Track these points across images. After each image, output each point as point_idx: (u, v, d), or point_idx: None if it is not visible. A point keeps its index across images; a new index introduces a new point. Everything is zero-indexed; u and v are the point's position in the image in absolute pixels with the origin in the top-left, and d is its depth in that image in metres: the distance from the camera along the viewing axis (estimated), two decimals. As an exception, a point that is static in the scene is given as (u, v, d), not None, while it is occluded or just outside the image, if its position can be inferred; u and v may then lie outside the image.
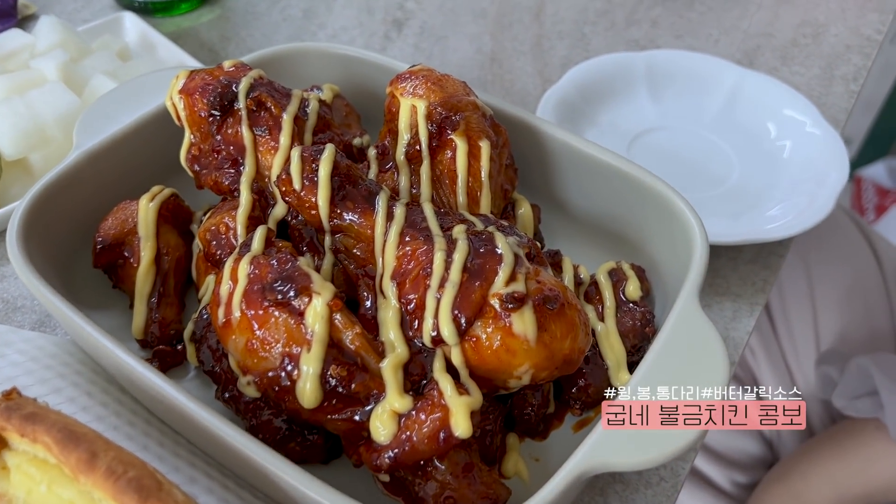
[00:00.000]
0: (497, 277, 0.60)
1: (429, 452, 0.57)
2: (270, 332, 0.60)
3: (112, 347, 0.61)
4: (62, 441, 0.51)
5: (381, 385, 0.60)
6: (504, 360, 0.59)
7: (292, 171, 0.66)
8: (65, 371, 0.68)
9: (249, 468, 0.56)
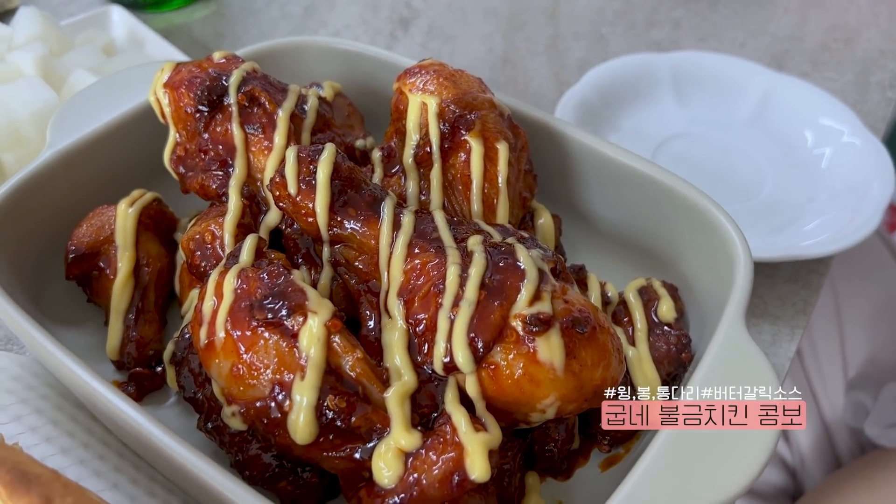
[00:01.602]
0: (519, 296, 0.52)
1: (440, 498, 0.50)
2: (259, 356, 0.52)
3: (80, 372, 0.53)
4: (11, 483, 0.43)
5: (386, 418, 0.52)
6: (527, 391, 0.52)
7: (287, 174, 0.59)
8: (28, 396, 0.61)
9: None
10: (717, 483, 0.47)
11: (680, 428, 0.50)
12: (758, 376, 0.53)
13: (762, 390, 0.52)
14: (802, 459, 1.30)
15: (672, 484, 0.48)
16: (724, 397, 0.52)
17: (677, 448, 0.49)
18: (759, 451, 0.48)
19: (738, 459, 0.48)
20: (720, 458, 0.48)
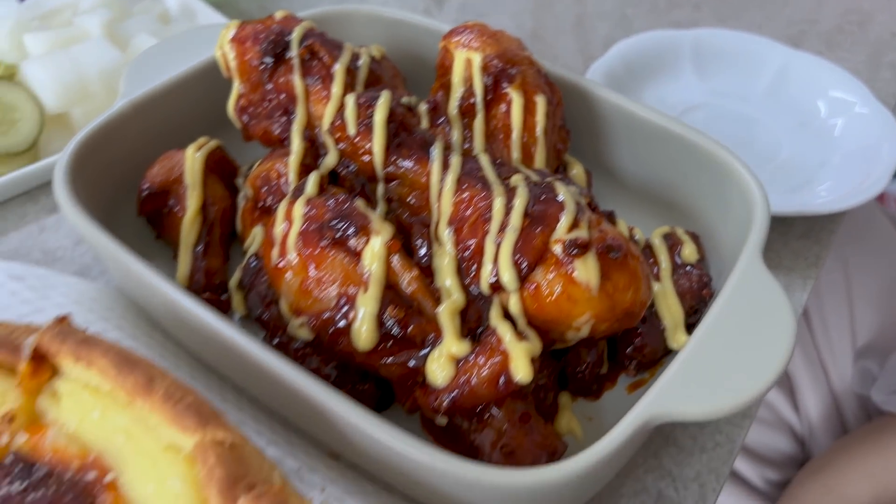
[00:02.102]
0: (559, 224, 0.58)
1: (488, 397, 0.56)
2: (326, 273, 0.58)
3: (163, 283, 0.59)
4: (119, 364, 0.50)
5: (438, 330, 0.58)
6: (564, 310, 0.58)
7: (347, 117, 0.65)
8: (109, 315, 0.67)
9: (304, 406, 0.54)
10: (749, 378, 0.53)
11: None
12: (773, 302, 0.59)
13: (777, 317, 0.58)
14: (811, 428, 1.35)
15: (693, 384, 0.53)
16: (741, 322, 0.58)
17: (705, 351, 0.55)
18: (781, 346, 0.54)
19: (764, 357, 0.54)
20: (747, 357, 0.54)
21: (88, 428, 0.50)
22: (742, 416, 0.70)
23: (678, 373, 0.54)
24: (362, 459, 0.57)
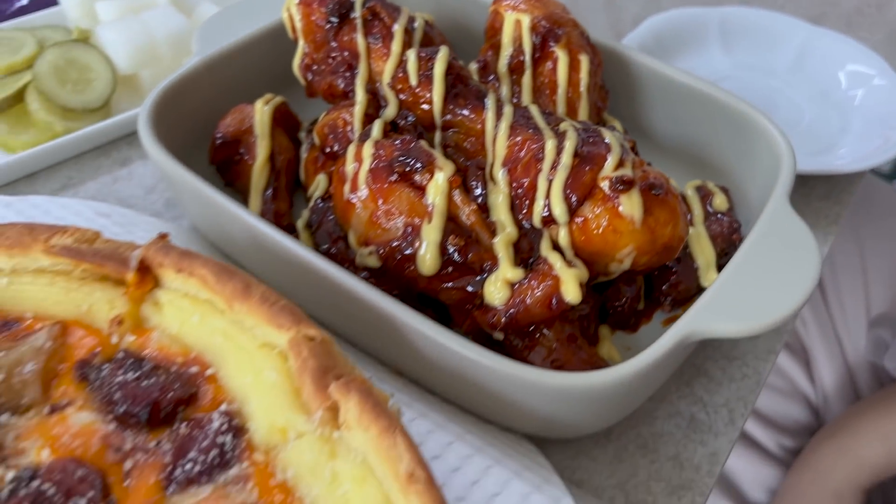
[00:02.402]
0: (606, 163, 0.64)
1: (540, 315, 0.61)
2: (394, 205, 0.64)
3: (244, 212, 0.65)
4: (217, 273, 0.56)
5: (494, 258, 0.64)
6: (609, 241, 0.63)
7: (409, 69, 0.71)
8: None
9: (377, 322, 0.60)
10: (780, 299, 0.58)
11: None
12: (801, 238, 0.65)
13: (803, 252, 0.64)
14: (826, 398, 1.40)
15: (729, 303, 0.59)
16: (772, 252, 0.64)
17: (740, 276, 0.61)
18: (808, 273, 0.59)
19: (793, 282, 0.59)
20: (778, 281, 0.60)
21: (189, 331, 0.57)
22: (767, 351, 0.75)
23: (715, 294, 0.60)
24: (426, 372, 0.63)
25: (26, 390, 0.53)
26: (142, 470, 0.49)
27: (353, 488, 0.48)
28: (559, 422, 0.60)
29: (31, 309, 0.57)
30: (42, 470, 0.48)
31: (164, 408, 0.51)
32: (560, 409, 0.58)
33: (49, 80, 0.89)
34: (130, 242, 0.60)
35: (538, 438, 0.65)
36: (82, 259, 0.57)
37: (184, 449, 0.50)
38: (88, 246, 0.58)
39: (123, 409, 0.51)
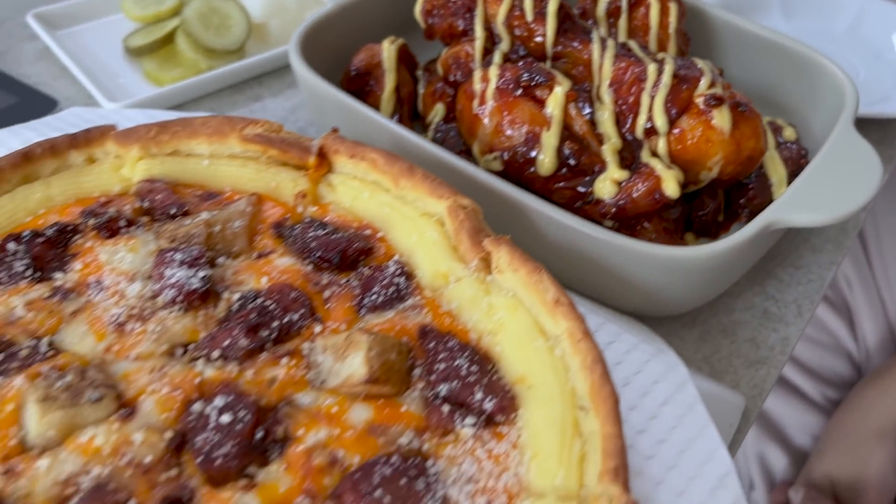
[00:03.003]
0: (700, 83, 0.75)
1: (645, 207, 0.73)
2: (518, 116, 0.76)
3: (387, 121, 0.78)
4: (386, 157, 0.68)
5: (602, 162, 0.76)
6: (702, 150, 0.75)
7: (526, 7, 0.83)
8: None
9: (509, 210, 0.72)
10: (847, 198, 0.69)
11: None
12: (864, 152, 0.75)
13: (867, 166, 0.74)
14: (868, 354, 1.50)
15: (805, 199, 0.70)
16: (840, 162, 0.75)
17: (813, 178, 0.72)
18: (872, 178, 0.70)
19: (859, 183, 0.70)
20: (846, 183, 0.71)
21: (359, 205, 0.69)
22: (829, 262, 0.86)
23: (793, 192, 0.71)
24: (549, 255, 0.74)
25: (236, 241, 0.65)
26: (338, 298, 0.62)
27: (507, 314, 0.59)
28: (661, 296, 0.72)
29: (228, 185, 0.70)
30: (262, 292, 0.60)
31: (350, 255, 0.64)
32: (664, 281, 0.70)
33: (195, 24, 1.02)
34: (307, 137, 0.72)
35: (639, 318, 0.76)
36: (271, 145, 0.70)
37: (368, 285, 0.62)
38: (276, 135, 0.71)
39: (318, 255, 0.63)
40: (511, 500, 0.50)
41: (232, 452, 0.50)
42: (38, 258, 0.62)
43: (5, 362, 0.55)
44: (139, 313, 0.59)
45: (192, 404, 0.53)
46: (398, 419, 0.54)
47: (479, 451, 0.52)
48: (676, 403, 0.62)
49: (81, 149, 0.70)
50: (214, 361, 0.56)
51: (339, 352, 0.56)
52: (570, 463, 0.51)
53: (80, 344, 0.57)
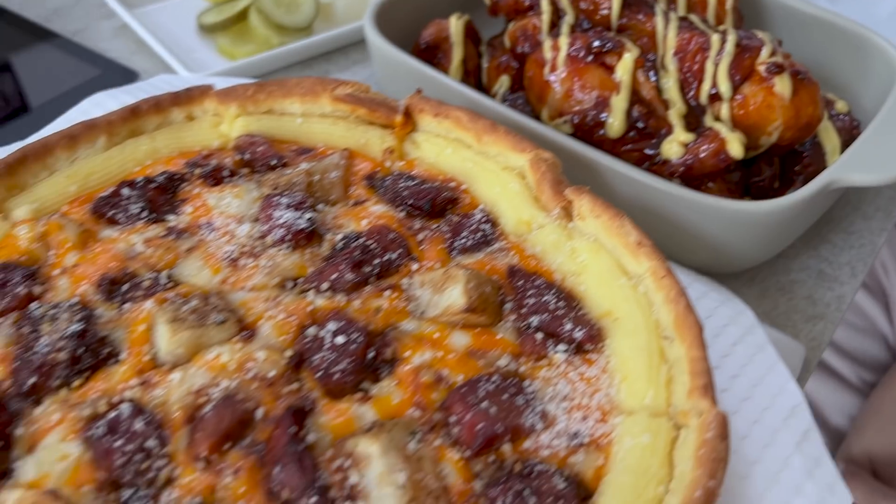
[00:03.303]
0: (762, 52, 0.79)
1: (711, 167, 0.77)
2: (588, 81, 0.81)
3: (462, 85, 0.82)
4: (469, 114, 0.73)
5: (669, 125, 0.80)
6: (763, 115, 0.79)
7: (593, -18, 0.87)
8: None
9: (584, 168, 0.76)
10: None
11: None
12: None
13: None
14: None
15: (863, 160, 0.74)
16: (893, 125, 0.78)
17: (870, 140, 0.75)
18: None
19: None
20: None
21: (443, 160, 0.73)
22: (880, 229, 0.90)
23: (850, 154, 0.75)
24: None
25: (333, 190, 0.70)
26: (430, 241, 0.66)
27: (590, 257, 0.64)
28: (726, 251, 0.76)
29: (321, 141, 0.75)
30: (363, 233, 0.65)
31: (439, 203, 0.68)
32: (730, 236, 0.74)
33: (268, 3, 1.07)
34: (392, 98, 0.77)
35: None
36: (360, 104, 0.75)
37: (457, 230, 0.67)
38: (365, 95, 0.75)
39: (410, 203, 0.68)
40: (605, 416, 0.54)
41: (348, 369, 0.55)
42: (152, 202, 0.67)
43: (130, 291, 0.60)
44: (250, 250, 0.64)
45: (307, 329, 0.58)
46: (495, 345, 0.58)
47: (571, 374, 0.57)
48: (746, 344, 0.66)
49: (183, 106, 0.75)
50: (324, 293, 0.61)
51: (437, 285, 0.60)
52: (658, 384, 0.55)
53: (197, 276, 0.62)
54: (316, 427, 0.52)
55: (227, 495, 0.49)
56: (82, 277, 0.61)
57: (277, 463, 0.49)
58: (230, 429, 0.51)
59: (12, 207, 0.66)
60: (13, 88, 1.07)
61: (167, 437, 0.51)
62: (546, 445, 0.52)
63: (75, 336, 0.55)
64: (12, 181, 0.68)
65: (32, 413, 0.53)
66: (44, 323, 0.57)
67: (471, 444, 0.51)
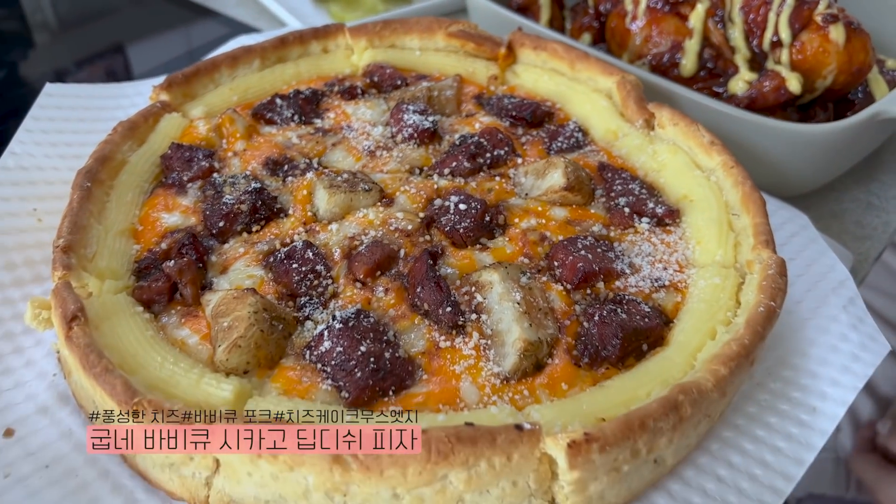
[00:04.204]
0: (819, 4, 0.91)
1: (772, 101, 0.88)
2: (664, 28, 0.93)
3: (553, 32, 0.95)
4: (564, 45, 0.86)
5: (735, 66, 0.91)
6: (819, 60, 0.90)
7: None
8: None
9: (659, 97, 0.88)
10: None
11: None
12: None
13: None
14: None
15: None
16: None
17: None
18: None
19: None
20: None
21: (540, 85, 0.86)
22: (926, 170, 1.00)
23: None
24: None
25: (447, 105, 0.83)
26: (531, 144, 0.79)
27: (668, 156, 0.76)
28: (785, 171, 0.87)
29: (436, 70, 0.89)
30: (476, 134, 0.78)
31: (539, 115, 0.81)
32: (789, 157, 0.85)
33: (377, -26, 1.22)
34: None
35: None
36: (470, 39, 0.88)
37: (554, 136, 0.79)
38: (474, 31, 0.89)
39: (514, 114, 0.81)
40: (682, 268, 0.66)
41: (470, 226, 0.67)
42: (301, 109, 0.82)
43: (290, 171, 0.74)
44: (384, 145, 0.77)
45: (434, 200, 0.71)
46: (589, 217, 0.70)
47: (654, 239, 0.68)
48: (801, 237, 0.77)
49: (320, 40, 0.90)
50: (445, 176, 0.74)
51: (539, 171, 0.73)
52: (727, 246, 0.66)
53: (343, 163, 0.76)
54: (446, 265, 0.65)
55: (380, 306, 0.61)
56: (251, 158, 0.75)
57: (418, 286, 0.62)
58: (380, 261, 0.64)
59: (188, 109, 0.81)
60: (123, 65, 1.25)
61: (331, 265, 0.64)
62: (633, 286, 0.64)
63: (254, 192, 0.69)
64: (187, 90, 0.83)
65: (222, 248, 0.67)
66: (225, 186, 0.71)
67: (571, 279, 0.63)
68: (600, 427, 0.50)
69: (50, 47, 1.32)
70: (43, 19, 1.38)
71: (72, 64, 1.23)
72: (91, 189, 0.67)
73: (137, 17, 1.30)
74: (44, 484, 0.55)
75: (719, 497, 0.56)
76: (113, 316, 0.59)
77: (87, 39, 1.29)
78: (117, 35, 1.27)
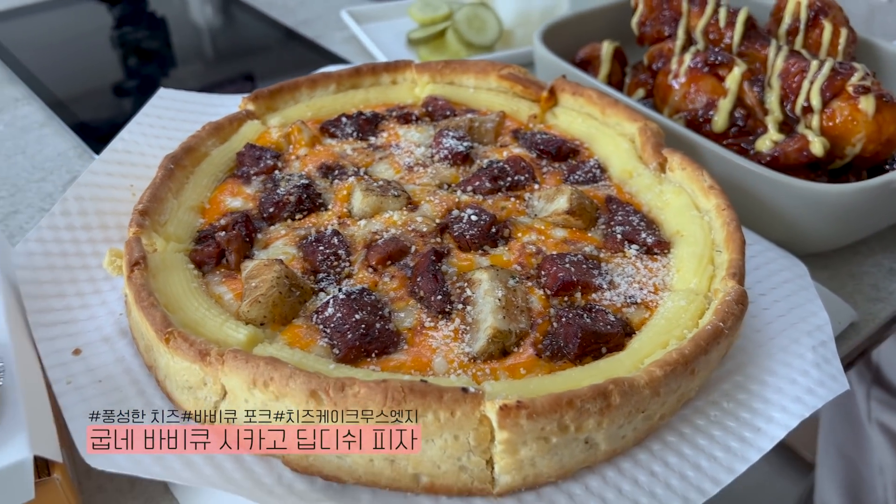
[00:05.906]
0: (853, 76, 0.96)
1: (794, 160, 0.94)
2: (702, 87, 1.01)
3: (605, 85, 1.05)
4: (598, 93, 0.95)
5: (765, 126, 0.98)
6: (848, 128, 0.95)
7: (721, 16, 1.08)
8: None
9: (684, 147, 0.96)
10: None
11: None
12: None
13: None
14: None
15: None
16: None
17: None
18: None
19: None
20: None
21: (574, 127, 0.96)
22: (961, 247, 1.01)
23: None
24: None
25: (486, 135, 0.95)
26: (551, 174, 0.89)
27: (672, 196, 0.83)
28: (803, 230, 0.91)
29: (484, 105, 1.00)
30: (503, 160, 0.88)
31: (564, 151, 0.91)
32: (808, 216, 0.90)
33: (463, 25, 1.36)
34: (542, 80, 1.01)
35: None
36: (518, 81, 1.00)
37: (573, 169, 0.89)
38: (522, 75, 1.00)
39: (541, 147, 0.91)
40: (656, 290, 0.73)
41: (476, 234, 0.78)
42: (360, 127, 0.95)
43: (339, 176, 0.87)
44: (422, 163, 0.89)
45: (452, 211, 0.81)
46: (585, 239, 0.79)
47: (638, 264, 0.76)
48: (793, 283, 0.82)
49: (391, 73, 1.04)
50: (467, 192, 0.85)
51: (549, 197, 0.82)
52: (703, 276, 0.73)
53: (384, 173, 0.88)
54: (448, 264, 0.75)
55: (384, 288, 0.72)
56: (309, 162, 0.89)
57: (419, 276, 0.73)
58: (392, 253, 0.75)
59: (268, 119, 0.96)
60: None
61: (352, 252, 0.76)
62: (608, 299, 0.72)
63: (302, 188, 0.82)
64: (270, 103, 0.98)
65: (268, 229, 0.80)
66: (282, 181, 0.85)
67: (552, 286, 0.72)
68: (532, 399, 0.58)
69: (190, 69, 1.53)
70: (197, 47, 1.60)
71: (203, 86, 1.44)
72: (173, 170, 0.83)
73: (277, 54, 1.48)
74: (95, 393, 0.68)
75: (647, 488, 0.62)
76: (169, 268, 0.73)
77: (223, 70, 1.49)
78: (252, 67, 1.46)
